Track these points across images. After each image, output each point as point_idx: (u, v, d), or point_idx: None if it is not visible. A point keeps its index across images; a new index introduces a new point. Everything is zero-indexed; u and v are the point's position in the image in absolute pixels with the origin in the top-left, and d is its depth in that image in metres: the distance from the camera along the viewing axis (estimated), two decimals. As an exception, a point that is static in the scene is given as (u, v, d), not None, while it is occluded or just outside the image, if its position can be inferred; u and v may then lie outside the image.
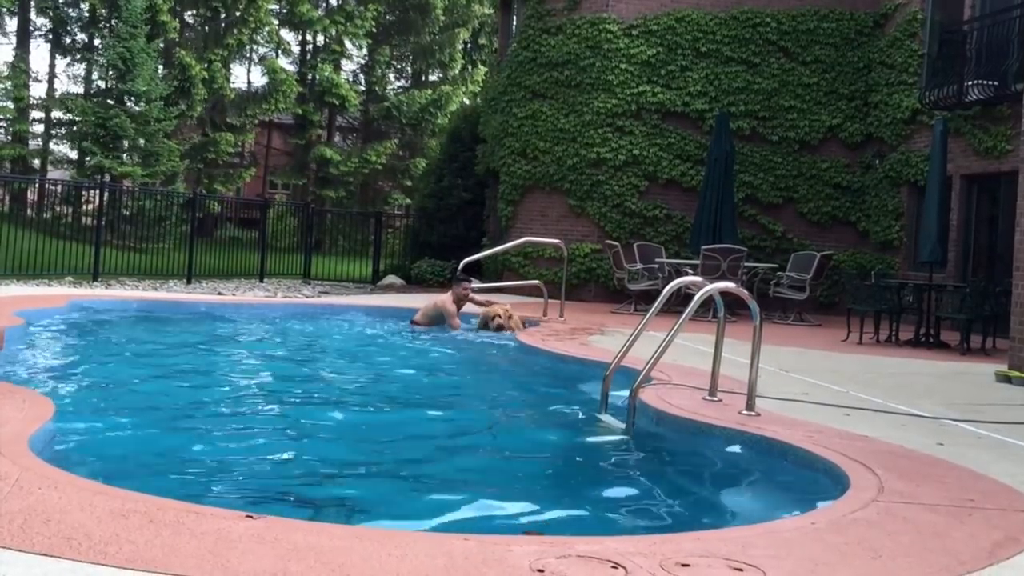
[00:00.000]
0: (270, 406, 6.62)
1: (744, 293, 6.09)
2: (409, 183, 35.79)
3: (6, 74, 31.08)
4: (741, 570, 2.84)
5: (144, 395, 6.76)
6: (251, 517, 3.08)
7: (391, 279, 21.04)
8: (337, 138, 39.67)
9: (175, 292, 15.74)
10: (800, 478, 4.51)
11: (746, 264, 14.71)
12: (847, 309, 12.74)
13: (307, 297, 16.30)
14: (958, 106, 14.89)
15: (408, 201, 34.90)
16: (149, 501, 3.21)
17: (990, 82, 14.15)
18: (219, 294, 15.70)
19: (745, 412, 5.55)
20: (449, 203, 22.21)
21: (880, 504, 3.70)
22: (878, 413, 6.14)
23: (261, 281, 20.03)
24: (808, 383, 7.53)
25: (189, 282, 18.42)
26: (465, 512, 4.23)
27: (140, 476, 4.30)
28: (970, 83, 14.38)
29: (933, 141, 12.62)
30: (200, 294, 15.52)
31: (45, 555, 2.60)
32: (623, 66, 18.05)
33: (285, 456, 5.10)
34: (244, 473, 4.68)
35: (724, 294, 6.12)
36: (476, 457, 5.42)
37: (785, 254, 17.19)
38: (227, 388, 7.29)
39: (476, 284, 12.19)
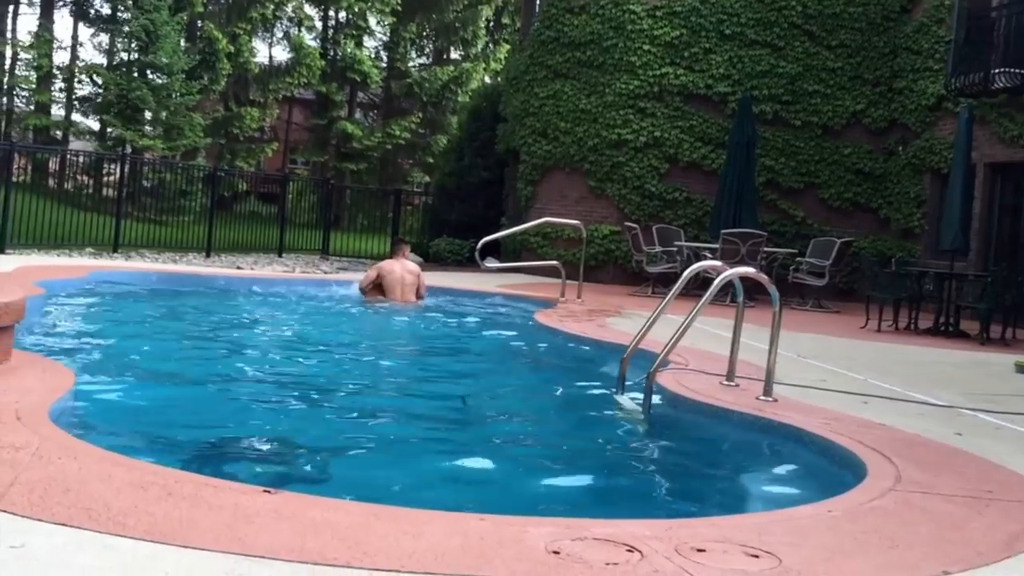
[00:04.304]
0: (288, 380, 6.65)
1: (764, 278, 6.06)
2: (430, 160, 35.73)
3: (30, 44, 31.16)
4: (757, 556, 2.83)
5: (163, 367, 6.80)
6: (268, 492, 3.10)
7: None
8: (358, 114, 39.62)
9: (194, 265, 15.81)
10: (817, 465, 4.49)
11: (765, 249, 14.63)
12: (866, 296, 12.67)
13: (325, 273, 16.34)
14: (984, 93, 14.73)
15: (428, 179, 34.87)
16: (167, 474, 3.23)
17: (1017, 70, 13.99)
18: (238, 268, 15.76)
19: (762, 398, 5.52)
20: (469, 182, 22.17)
21: (897, 493, 3.68)
22: (896, 402, 6.11)
23: (280, 256, 20.08)
24: (826, 370, 7.50)
25: (208, 255, 18.48)
26: (480, 492, 4.25)
27: (158, 447, 4.33)
28: (997, 71, 14.21)
29: (958, 128, 12.50)
30: (219, 267, 15.58)
31: (64, 525, 2.62)
32: (646, 47, 17.93)
33: (302, 430, 5.13)
34: (261, 446, 4.70)
35: (742, 279, 6.09)
36: (492, 438, 5.42)
37: (805, 239, 17.07)
38: (246, 361, 7.32)
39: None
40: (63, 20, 64.62)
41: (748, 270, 6.22)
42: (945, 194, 13.22)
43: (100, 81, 29.12)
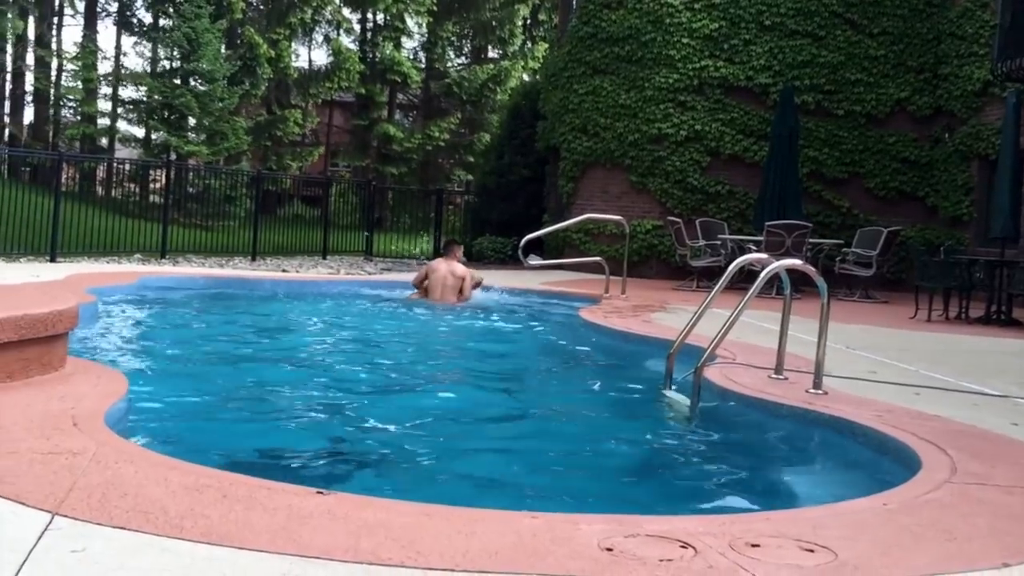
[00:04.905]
0: (337, 382, 6.69)
1: (811, 270, 6.00)
2: (471, 159, 35.79)
3: (76, 54, 31.65)
4: (812, 551, 2.81)
5: (214, 370, 6.87)
6: (321, 493, 3.12)
7: (452, 256, 21.09)
8: (398, 115, 39.79)
9: (240, 269, 15.96)
10: (870, 458, 4.45)
11: (811, 240, 14.50)
12: (915, 286, 12.50)
13: (369, 274, 16.43)
14: (1032, 77, 14.47)
15: (469, 178, 34.94)
16: (222, 476, 3.26)
17: (1066, 52, 13.72)
18: (283, 271, 15.89)
19: (812, 391, 5.47)
20: (510, 180, 22.18)
21: (953, 485, 3.63)
22: (949, 392, 6.03)
23: (324, 258, 20.21)
24: (876, 361, 7.42)
25: (254, 259, 18.65)
26: (530, 490, 4.25)
27: (212, 450, 4.38)
28: (1045, 54, 13.95)
29: (1005, 114, 12.31)
30: (265, 271, 15.72)
31: (123, 528, 2.66)
32: (685, 40, 17.83)
33: (350, 431, 5.16)
34: (312, 448, 4.74)
35: (788, 271, 6.03)
36: (540, 435, 5.43)
37: (851, 230, 16.88)
38: (295, 363, 7.39)
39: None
40: (107, 31, 65.62)
41: (795, 262, 6.16)
42: (993, 181, 13.01)
43: (144, 89, 29.50)
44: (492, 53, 40.02)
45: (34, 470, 3.15)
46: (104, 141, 33.13)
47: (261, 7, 34.45)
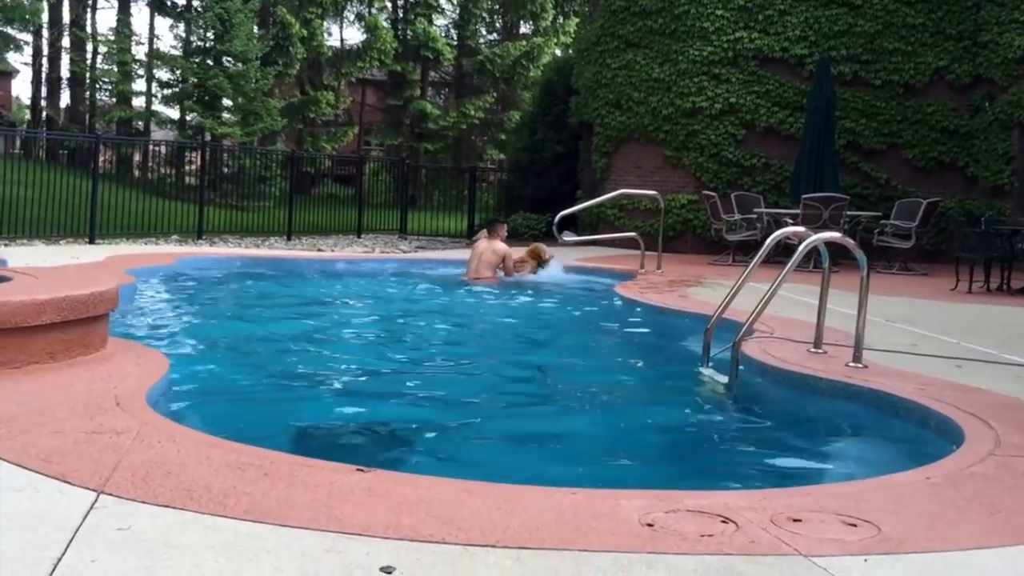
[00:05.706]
0: (376, 359, 6.72)
1: (850, 243, 5.94)
2: (503, 137, 35.69)
3: (112, 38, 31.87)
4: (855, 525, 2.79)
5: (252, 349, 6.94)
6: (361, 471, 3.13)
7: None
8: (430, 92, 39.77)
9: (276, 249, 16.05)
10: (912, 432, 4.40)
11: (848, 213, 14.34)
12: (955, 257, 12.34)
13: (404, 252, 16.47)
14: (1075, 43, 14.20)
15: (502, 156, 34.86)
16: (263, 455, 3.29)
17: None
18: (319, 250, 15.96)
19: (852, 364, 5.42)
20: (543, 156, 22.09)
21: (997, 458, 3.59)
22: (991, 364, 5.95)
23: (359, 237, 20.28)
24: (916, 334, 7.34)
25: (289, 239, 18.75)
26: (569, 466, 4.25)
27: (252, 429, 4.41)
28: (1088, 19, 13.69)
29: (1048, 81, 12.09)
30: (300, 250, 15.80)
31: (167, 506, 2.69)
32: (719, 12, 17.63)
33: (391, 409, 5.19)
34: (351, 425, 4.77)
35: (826, 244, 5.97)
36: (578, 411, 5.43)
37: (889, 202, 16.67)
38: (332, 342, 7.43)
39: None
40: (140, 13, 65.96)
41: (834, 235, 6.10)
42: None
43: (178, 71, 29.67)
44: (524, 29, 39.81)
45: (79, 449, 3.20)
46: (140, 124, 33.37)
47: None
